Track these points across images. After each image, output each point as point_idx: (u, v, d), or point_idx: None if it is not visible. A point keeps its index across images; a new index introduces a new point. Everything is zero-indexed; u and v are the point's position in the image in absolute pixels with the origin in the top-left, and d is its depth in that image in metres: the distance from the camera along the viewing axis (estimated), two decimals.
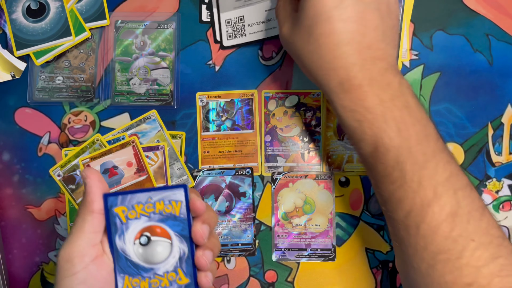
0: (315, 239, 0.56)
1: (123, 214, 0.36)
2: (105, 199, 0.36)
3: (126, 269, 0.36)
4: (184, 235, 0.36)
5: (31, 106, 0.57)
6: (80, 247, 0.35)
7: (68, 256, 0.35)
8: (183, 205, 0.35)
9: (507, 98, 0.57)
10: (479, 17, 0.57)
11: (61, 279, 0.35)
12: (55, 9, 0.56)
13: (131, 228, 0.36)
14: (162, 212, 0.36)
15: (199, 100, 0.57)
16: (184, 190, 0.36)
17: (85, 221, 0.35)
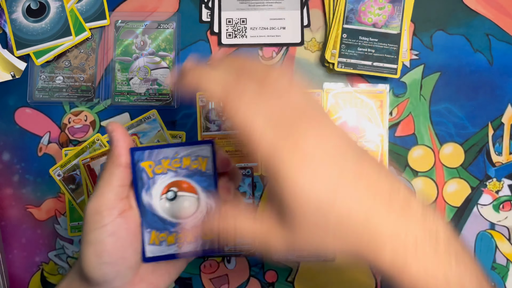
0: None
1: (150, 169, 0.35)
2: (132, 153, 0.35)
3: (153, 223, 0.36)
4: (211, 191, 0.36)
5: (31, 106, 0.57)
6: (109, 200, 0.34)
7: (97, 208, 0.34)
8: (209, 160, 0.35)
9: (507, 98, 0.57)
10: (479, 17, 0.57)
11: (90, 231, 0.34)
12: (55, 9, 0.56)
13: (157, 183, 0.35)
14: (188, 168, 0.35)
15: (200, 100, 0.57)
16: (211, 146, 0.35)
17: (112, 175, 0.35)
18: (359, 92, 0.57)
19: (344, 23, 0.55)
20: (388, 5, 0.55)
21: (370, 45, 0.55)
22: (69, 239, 0.56)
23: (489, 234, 0.56)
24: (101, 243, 0.34)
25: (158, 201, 0.36)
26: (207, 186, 0.36)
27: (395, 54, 0.55)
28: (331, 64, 0.56)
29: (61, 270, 0.56)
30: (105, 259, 0.34)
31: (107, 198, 0.34)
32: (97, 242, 0.34)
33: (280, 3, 0.58)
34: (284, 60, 0.57)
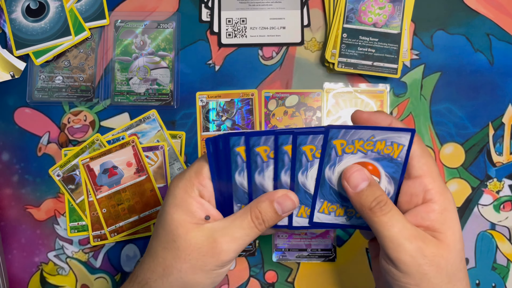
0: (316, 239, 0.55)
1: (341, 147, 0.35)
2: (327, 132, 0.34)
3: (327, 195, 0.36)
4: (395, 178, 0.36)
5: (31, 106, 0.57)
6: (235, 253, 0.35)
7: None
8: (404, 149, 0.34)
9: (507, 98, 0.56)
10: (480, 17, 0.57)
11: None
12: (55, 8, 0.56)
13: (344, 161, 0.35)
14: (380, 152, 0.35)
15: (199, 100, 0.57)
16: (411, 134, 0.34)
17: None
18: (359, 92, 0.57)
19: (344, 22, 0.55)
20: (389, 5, 0.55)
21: (370, 44, 0.55)
22: (69, 239, 0.56)
23: (490, 234, 0.56)
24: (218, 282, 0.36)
25: (338, 176, 0.36)
26: (393, 173, 0.35)
27: (396, 54, 0.55)
28: (331, 64, 0.56)
29: (61, 270, 0.56)
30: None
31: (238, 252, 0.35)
32: (218, 281, 0.36)
33: (280, 2, 0.57)
34: (284, 60, 0.57)
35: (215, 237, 0.34)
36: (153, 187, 0.55)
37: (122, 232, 0.55)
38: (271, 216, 0.35)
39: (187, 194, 0.35)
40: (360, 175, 0.34)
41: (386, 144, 0.35)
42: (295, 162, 0.35)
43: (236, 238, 0.35)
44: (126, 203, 0.55)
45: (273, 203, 0.35)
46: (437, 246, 0.32)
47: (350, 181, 0.34)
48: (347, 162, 0.35)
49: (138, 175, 0.55)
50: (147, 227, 0.56)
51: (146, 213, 0.55)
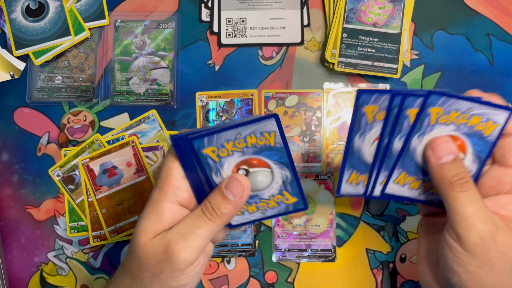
0: (316, 239, 0.55)
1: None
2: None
3: (407, 166, 0.36)
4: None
5: (30, 106, 0.57)
6: (199, 251, 0.34)
7: (190, 260, 0.34)
8: (498, 128, 0.34)
9: (508, 98, 0.56)
10: (480, 17, 0.57)
11: (180, 275, 0.34)
12: (55, 8, 0.56)
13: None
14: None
15: (199, 100, 0.57)
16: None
17: (209, 230, 0.35)
18: None
19: (344, 22, 0.55)
20: (389, 5, 0.55)
21: (370, 44, 0.55)
22: (68, 240, 0.56)
23: None
24: (186, 285, 0.35)
25: (424, 147, 0.35)
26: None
27: (396, 54, 0.55)
28: (331, 64, 0.56)
29: (60, 270, 0.56)
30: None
31: (199, 251, 0.34)
32: (185, 284, 0.35)
33: (280, 2, 0.57)
34: (284, 60, 0.57)
35: (168, 239, 0.33)
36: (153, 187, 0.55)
37: (122, 232, 0.55)
38: (219, 203, 0.34)
39: (159, 203, 0.35)
40: (447, 147, 0.33)
41: (482, 120, 0.34)
42: (204, 167, 0.35)
43: (187, 234, 0.33)
44: (126, 203, 0.55)
45: (221, 189, 0.34)
46: (510, 236, 0.32)
47: (436, 151, 0.33)
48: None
49: (138, 175, 0.55)
50: None
51: None
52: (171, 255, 0.33)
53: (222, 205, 0.34)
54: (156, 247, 0.34)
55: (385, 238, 0.56)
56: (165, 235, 0.34)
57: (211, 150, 0.34)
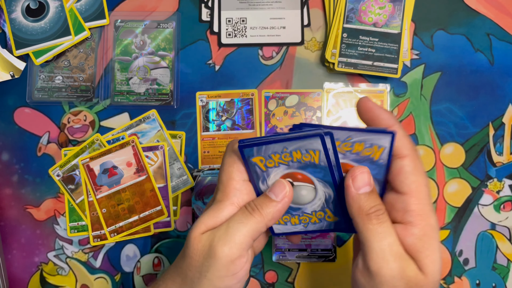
0: (316, 239, 0.55)
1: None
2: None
3: None
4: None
5: (31, 106, 0.57)
6: (243, 249, 0.34)
7: (231, 258, 0.33)
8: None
9: (508, 98, 0.56)
10: (480, 17, 0.57)
11: (222, 277, 0.34)
12: (55, 8, 0.56)
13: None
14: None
15: (199, 100, 0.57)
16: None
17: (250, 225, 0.34)
18: (360, 92, 0.57)
19: (345, 22, 0.55)
20: (389, 5, 0.55)
21: (370, 44, 0.55)
22: (69, 240, 0.56)
23: (490, 234, 0.56)
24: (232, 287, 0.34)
25: None
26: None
27: (396, 54, 0.55)
28: (331, 64, 0.56)
29: (60, 270, 0.56)
30: None
31: (241, 247, 0.34)
32: (230, 286, 0.34)
33: (280, 2, 0.57)
34: (284, 60, 0.57)
35: (214, 235, 0.34)
36: (153, 187, 0.55)
37: (122, 232, 0.55)
38: (262, 201, 0.34)
39: (221, 203, 0.35)
40: (366, 178, 0.33)
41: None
42: (252, 174, 0.35)
43: (230, 229, 0.34)
44: (126, 203, 0.55)
45: (265, 192, 0.35)
46: (416, 273, 0.31)
47: (356, 181, 0.33)
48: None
49: (138, 175, 0.55)
50: (147, 227, 0.55)
51: (146, 213, 0.55)
52: (214, 250, 0.33)
53: (264, 203, 0.34)
54: (204, 242, 0.34)
55: None
56: (213, 232, 0.34)
57: (259, 159, 0.35)
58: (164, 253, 0.56)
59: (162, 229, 0.56)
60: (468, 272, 0.55)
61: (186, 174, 0.56)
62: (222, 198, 0.35)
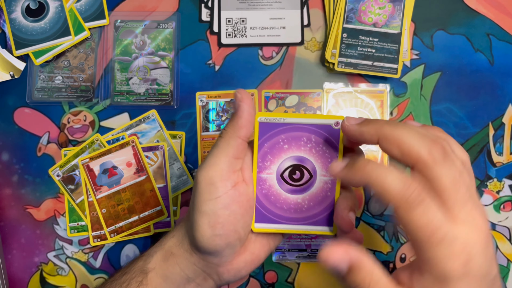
0: (316, 239, 0.55)
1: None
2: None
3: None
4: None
5: (30, 106, 0.57)
6: (223, 171, 0.34)
7: (211, 179, 0.34)
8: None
9: (508, 98, 0.56)
10: (480, 17, 0.57)
11: (204, 201, 0.34)
12: (55, 8, 0.56)
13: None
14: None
15: (199, 100, 0.57)
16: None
17: (229, 145, 0.35)
18: (360, 92, 0.57)
19: (344, 22, 0.55)
20: (389, 5, 0.55)
21: (370, 44, 0.55)
22: (69, 240, 0.56)
23: None
24: (215, 215, 0.34)
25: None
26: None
27: (396, 54, 0.55)
28: (331, 64, 0.56)
29: (60, 270, 0.56)
30: (218, 231, 0.34)
31: (221, 169, 0.34)
32: (211, 213, 0.34)
33: (280, 2, 0.57)
34: (284, 60, 0.57)
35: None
36: (153, 187, 0.55)
37: (122, 232, 0.55)
38: (230, 121, 0.36)
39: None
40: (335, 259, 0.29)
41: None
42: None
43: (207, 157, 0.35)
44: (126, 203, 0.55)
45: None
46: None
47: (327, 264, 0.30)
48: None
49: (138, 175, 0.55)
50: (147, 227, 0.55)
51: (146, 213, 0.55)
52: (196, 177, 0.35)
53: (230, 121, 0.36)
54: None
55: (385, 238, 0.56)
56: None
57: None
58: None
59: (162, 229, 0.56)
60: None
61: (186, 174, 0.56)
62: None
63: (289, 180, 0.37)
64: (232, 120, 0.35)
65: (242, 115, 0.35)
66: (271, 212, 0.37)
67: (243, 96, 0.35)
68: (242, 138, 0.35)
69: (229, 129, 0.35)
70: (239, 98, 0.35)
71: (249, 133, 0.35)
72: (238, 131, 0.35)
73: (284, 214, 0.37)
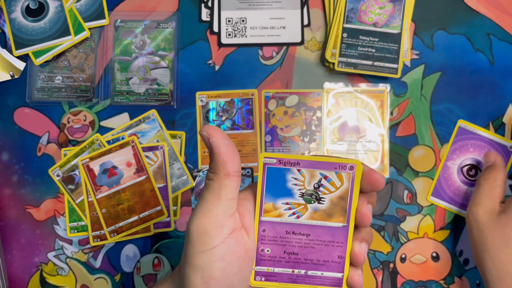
0: None
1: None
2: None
3: None
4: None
5: (30, 106, 0.57)
6: (218, 217, 0.30)
7: (204, 227, 0.30)
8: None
9: (508, 98, 0.56)
10: (480, 17, 0.57)
11: (195, 253, 0.30)
12: (54, 8, 0.56)
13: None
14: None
15: (199, 100, 0.57)
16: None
17: (221, 186, 0.31)
18: (360, 92, 0.57)
19: (345, 22, 0.55)
20: (389, 5, 0.55)
21: (370, 44, 0.55)
22: (68, 240, 0.56)
23: None
24: (209, 269, 0.30)
25: None
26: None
27: (396, 54, 0.55)
28: (331, 64, 0.56)
29: (60, 270, 0.56)
30: (212, 287, 0.30)
31: (215, 215, 0.30)
32: (205, 267, 0.30)
33: (280, 2, 0.57)
34: (284, 60, 0.57)
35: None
36: (153, 187, 0.55)
37: (122, 232, 0.55)
38: (211, 162, 0.32)
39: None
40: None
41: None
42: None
43: (199, 203, 0.32)
44: (126, 203, 0.55)
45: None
46: None
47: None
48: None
49: (138, 175, 0.55)
50: (147, 227, 0.55)
51: (145, 213, 0.55)
52: (187, 226, 0.32)
53: (212, 161, 0.32)
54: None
55: (385, 238, 0.56)
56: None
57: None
58: (164, 253, 0.56)
59: (162, 229, 0.56)
60: (468, 272, 0.55)
61: (186, 174, 0.56)
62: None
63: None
64: (212, 160, 0.31)
65: (220, 151, 0.31)
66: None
67: (209, 133, 0.31)
68: (232, 173, 0.31)
69: (213, 169, 0.31)
70: (206, 136, 0.31)
71: (235, 166, 0.31)
72: (224, 168, 0.31)
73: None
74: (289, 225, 0.33)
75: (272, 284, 0.34)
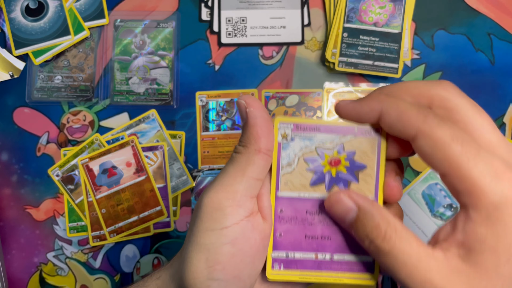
0: None
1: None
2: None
3: None
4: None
5: (30, 105, 0.57)
6: (237, 194, 0.26)
7: (220, 202, 0.26)
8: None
9: (509, 97, 0.56)
10: (481, 16, 0.57)
11: (204, 231, 0.26)
12: (54, 8, 0.56)
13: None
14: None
15: (199, 100, 0.57)
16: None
17: (249, 162, 0.26)
18: (360, 91, 0.57)
19: (345, 22, 0.55)
20: (389, 4, 0.55)
21: (371, 44, 0.55)
22: (68, 240, 0.56)
23: None
24: (216, 252, 0.26)
25: None
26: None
27: (396, 54, 0.55)
28: (331, 64, 0.56)
29: (60, 271, 0.56)
30: (216, 274, 0.26)
31: (235, 190, 0.26)
32: (211, 248, 0.26)
33: (280, 2, 0.57)
34: (284, 60, 0.57)
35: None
36: (153, 187, 0.55)
37: (122, 232, 0.55)
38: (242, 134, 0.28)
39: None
40: (341, 207, 0.26)
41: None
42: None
43: (218, 176, 0.28)
44: (126, 203, 0.55)
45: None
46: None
47: (334, 214, 0.27)
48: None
49: (138, 175, 0.55)
50: (147, 227, 0.55)
51: (145, 214, 0.55)
52: (200, 198, 0.27)
53: (243, 134, 0.28)
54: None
55: None
56: None
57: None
58: (163, 253, 0.56)
59: (161, 229, 0.56)
60: None
61: (186, 174, 0.56)
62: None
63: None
64: (245, 132, 0.27)
65: (255, 123, 0.27)
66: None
67: (248, 102, 0.27)
68: (264, 151, 0.26)
69: (245, 141, 0.27)
70: (243, 105, 0.27)
71: (269, 144, 0.27)
72: (256, 142, 0.26)
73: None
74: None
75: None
